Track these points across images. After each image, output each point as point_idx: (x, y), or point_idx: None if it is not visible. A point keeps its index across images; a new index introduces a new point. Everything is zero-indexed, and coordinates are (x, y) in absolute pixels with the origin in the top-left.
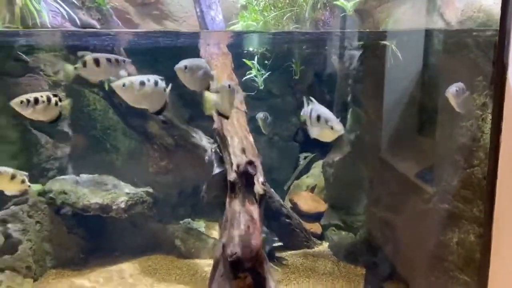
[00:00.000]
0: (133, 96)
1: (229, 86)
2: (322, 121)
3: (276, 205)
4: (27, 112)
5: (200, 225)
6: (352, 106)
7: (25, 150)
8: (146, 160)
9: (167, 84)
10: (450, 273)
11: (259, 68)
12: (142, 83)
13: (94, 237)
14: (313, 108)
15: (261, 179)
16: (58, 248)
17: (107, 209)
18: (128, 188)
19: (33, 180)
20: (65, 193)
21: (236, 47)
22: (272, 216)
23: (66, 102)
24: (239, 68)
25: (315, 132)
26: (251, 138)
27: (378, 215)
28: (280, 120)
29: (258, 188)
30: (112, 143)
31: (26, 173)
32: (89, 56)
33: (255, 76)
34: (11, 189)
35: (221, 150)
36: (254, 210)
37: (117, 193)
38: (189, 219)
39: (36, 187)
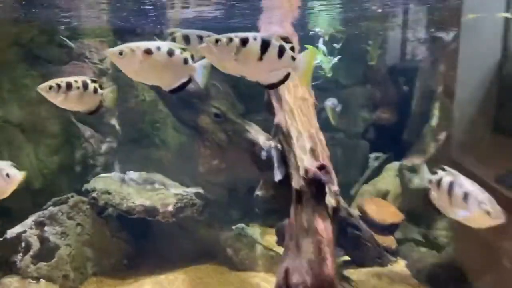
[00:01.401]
0: (135, 68)
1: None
2: (473, 202)
3: (343, 213)
4: (58, 100)
5: (254, 231)
6: (441, 99)
7: (67, 144)
8: (196, 158)
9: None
10: None
11: (325, 52)
12: (148, 51)
13: (139, 241)
14: (455, 182)
15: (334, 188)
16: (100, 253)
17: (153, 212)
18: (177, 189)
19: (76, 177)
20: (108, 193)
21: (301, 27)
22: (337, 225)
23: (109, 90)
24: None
25: (457, 213)
26: (322, 136)
27: (471, 230)
28: (348, 114)
29: (331, 199)
30: (161, 138)
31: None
32: (178, 33)
33: (321, 62)
34: None
35: (283, 149)
36: (327, 228)
37: (165, 194)
38: (243, 224)
39: (20, 174)
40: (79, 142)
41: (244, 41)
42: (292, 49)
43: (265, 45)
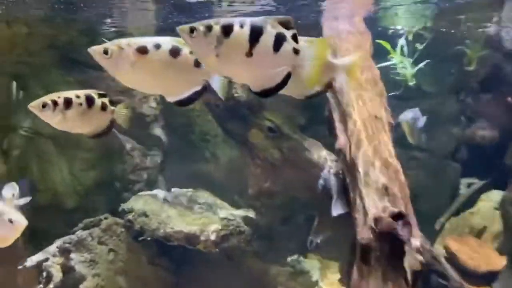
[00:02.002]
0: (125, 72)
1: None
2: None
3: (425, 255)
4: (55, 121)
5: (313, 265)
6: None
7: (105, 158)
8: (246, 177)
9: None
10: None
11: (405, 53)
12: (142, 50)
13: (180, 269)
14: None
15: (416, 243)
16: (135, 282)
17: (194, 240)
18: (224, 211)
19: (114, 195)
20: (146, 215)
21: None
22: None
23: (122, 106)
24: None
25: None
26: (399, 168)
27: None
28: (434, 129)
29: (413, 261)
30: (211, 151)
31: None
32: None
33: (398, 66)
34: None
35: (345, 179)
36: None
37: (209, 218)
38: (299, 256)
39: (24, 221)
40: (119, 156)
41: (227, 29)
42: (295, 38)
43: (256, 33)
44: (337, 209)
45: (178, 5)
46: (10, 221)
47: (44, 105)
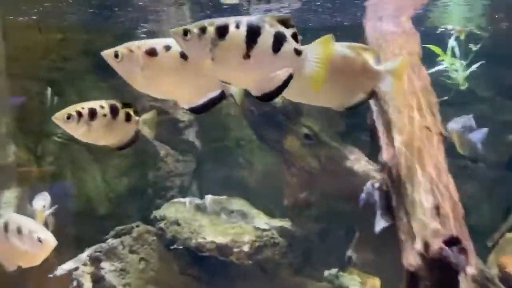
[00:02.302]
0: (135, 76)
1: None
2: None
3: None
4: (79, 133)
5: (353, 280)
6: None
7: (138, 164)
8: (281, 185)
9: None
10: None
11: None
12: (151, 52)
13: (213, 279)
14: None
15: (471, 271)
16: None
17: (226, 251)
18: (259, 220)
19: (146, 201)
20: (178, 223)
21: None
22: None
23: (147, 116)
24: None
25: None
26: (452, 183)
27: None
28: (488, 137)
29: None
30: (246, 158)
31: None
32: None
33: (450, 69)
34: None
35: (389, 194)
36: None
37: (242, 227)
38: (338, 271)
39: (53, 241)
40: (152, 162)
41: (222, 30)
42: (295, 37)
43: (253, 33)
44: (380, 226)
45: (214, 7)
46: (39, 240)
47: (68, 117)
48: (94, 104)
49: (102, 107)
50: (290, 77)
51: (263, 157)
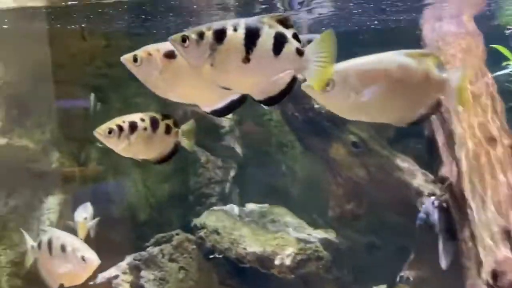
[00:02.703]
0: (155, 79)
1: None
2: None
3: None
4: (120, 148)
5: None
6: None
7: (179, 171)
8: (326, 194)
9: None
10: None
11: None
12: (169, 55)
13: None
14: None
15: None
16: None
17: (268, 263)
18: (302, 230)
19: (187, 209)
20: (217, 233)
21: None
22: None
23: (186, 127)
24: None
25: None
26: None
27: None
28: None
29: None
30: (288, 164)
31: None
32: None
33: None
34: None
35: (450, 216)
36: None
37: (284, 238)
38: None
39: (97, 260)
40: (193, 168)
41: (220, 34)
42: (296, 37)
43: (252, 36)
44: (447, 261)
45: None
46: (83, 258)
47: (110, 131)
48: (135, 117)
49: (142, 120)
50: (294, 80)
51: (306, 165)
